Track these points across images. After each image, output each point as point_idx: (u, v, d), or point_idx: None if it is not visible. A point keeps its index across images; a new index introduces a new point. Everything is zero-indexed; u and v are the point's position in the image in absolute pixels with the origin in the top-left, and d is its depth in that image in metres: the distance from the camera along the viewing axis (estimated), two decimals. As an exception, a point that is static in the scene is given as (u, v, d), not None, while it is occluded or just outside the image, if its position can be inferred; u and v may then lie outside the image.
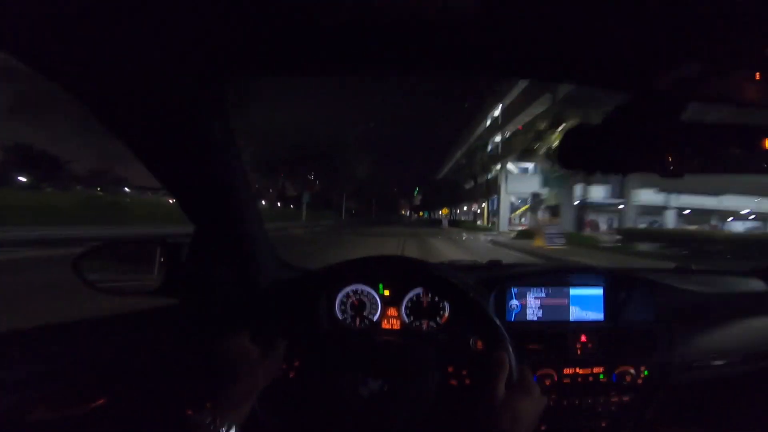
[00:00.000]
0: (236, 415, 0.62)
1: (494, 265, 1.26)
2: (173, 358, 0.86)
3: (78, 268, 0.87)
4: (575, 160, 0.64)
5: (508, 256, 10.62)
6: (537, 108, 21.57)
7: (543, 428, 0.95)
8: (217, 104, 0.68)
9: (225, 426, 0.59)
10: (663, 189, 24.15)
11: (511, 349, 0.78)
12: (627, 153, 0.64)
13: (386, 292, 1.00)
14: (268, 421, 0.78)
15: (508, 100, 30.17)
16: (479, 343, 0.88)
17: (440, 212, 38.19)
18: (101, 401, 0.76)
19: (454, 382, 0.83)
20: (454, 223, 40.74)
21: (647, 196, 24.26)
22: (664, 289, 1.07)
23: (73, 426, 0.73)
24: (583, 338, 0.96)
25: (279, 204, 47.50)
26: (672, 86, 0.55)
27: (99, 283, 0.90)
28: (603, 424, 0.95)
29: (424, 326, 0.98)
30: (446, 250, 11.34)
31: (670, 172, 0.64)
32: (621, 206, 23.04)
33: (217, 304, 0.92)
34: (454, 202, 50.25)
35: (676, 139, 0.60)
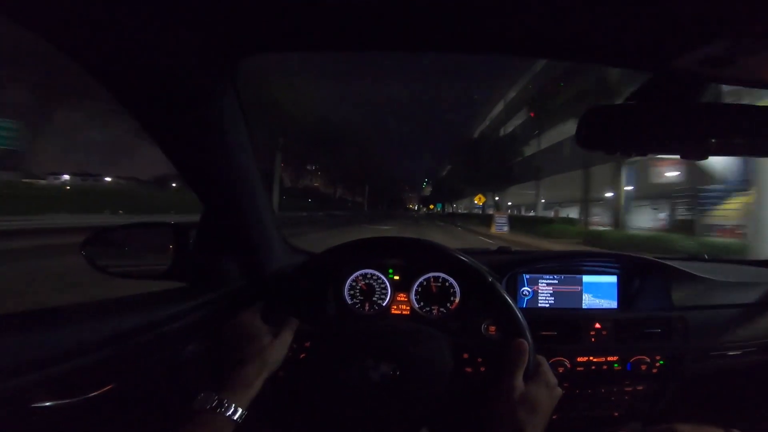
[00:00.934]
0: (243, 397, 0.62)
1: (504, 251, 1.25)
2: (182, 341, 0.86)
3: (86, 252, 0.88)
4: (595, 140, 0.63)
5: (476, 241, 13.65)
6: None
7: (555, 417, 0.92)
8: (227, 82, 0.67)
9: (232, 408, 0.59)
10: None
11: (530, 336, 0.76)
12: (647, 134, 0.62)
13: (396, 277, 0.99)
14: (277, 404, 0.78)
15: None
16: (491, 329, 0.88)
17: (474, 201, 31.72)
18: (109, 387, 0.75)
19: (469, 369, 0.82)
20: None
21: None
22: (680, 276, 1.05)
23: (80, 413, 0.72)
24: (598, 326, 0.95)
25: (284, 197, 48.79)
26: (693, 66, 0.53)
27: (108, 267, 0.91)
28: (616, 414, 0.94)
29: (435, 312, 0.97)
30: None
31: (690, 154, 0.63)
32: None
33: (226, 287, 0.92)
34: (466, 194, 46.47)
35: (696, 120, 0.59)
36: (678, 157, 0.64)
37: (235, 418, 0.59)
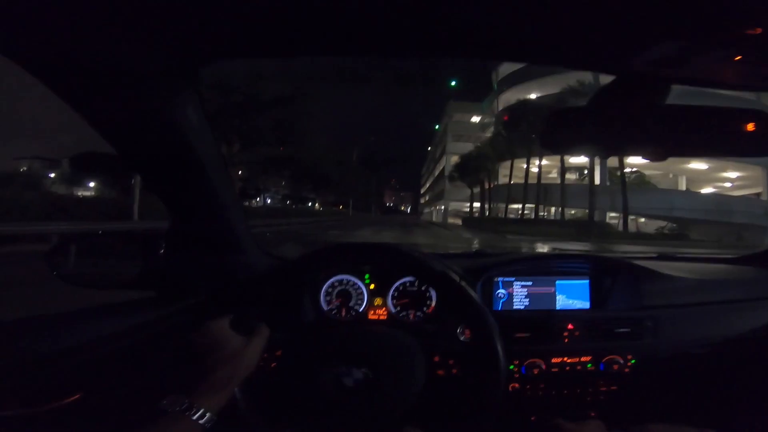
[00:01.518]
0: (213, 402, 0.62)
1: (480, 254, 1.27)
2: (150, 349, 0.86)
3: (51, 261, 0.87)
4: (559, 141, 0.66)
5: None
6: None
7: (533, 419, 0.95)
8: (189, 88, 0.67)
9: (200, 412, 0.58)
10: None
11: (498, 338, 0.77)
12: (609, 136, 0.64)
13: (372, 286, 1.01)
14: (249, 411, 0.77)
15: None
16: (467, 332, 0.89)
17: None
18: (77, 396, 0.74)
19: (441, 372, 0.84)
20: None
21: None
22: (650, 275, 1.08)
23: (48, 422, 0.71)
24: (570, 326, 0.97)
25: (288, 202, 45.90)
26: (652, 68, 0.55)
27: (74, 277, 0.90)
28: (593, 414, 0.95)
29: (411, 316, 0.99)
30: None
31: (652, 155, 0.65)
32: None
33: (196, 295, 0.91)
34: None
35: (657, 121, 0.60)
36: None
37: (203, 422, 0.58)
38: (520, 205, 32.08)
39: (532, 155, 28.57)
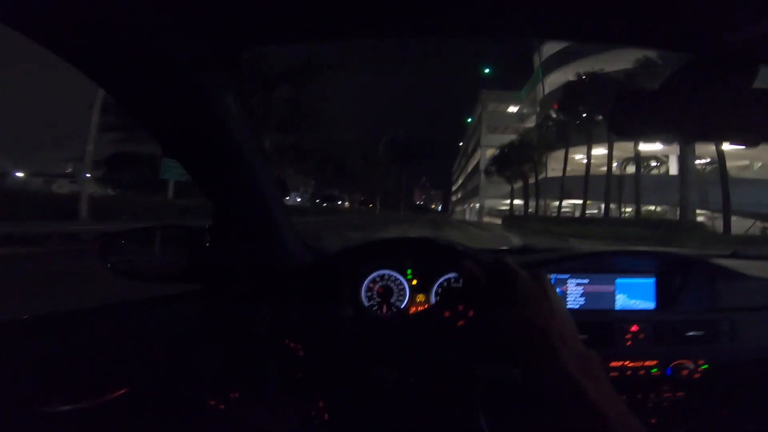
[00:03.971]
0: (256, 401, 0.64)
1: (527, 249, 1.22)
2: (195, 344, 0.87)
3: (103, 253, 0.91)
4: (629, 125, 0.62)
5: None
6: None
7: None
8: (229, 76, 0.66)
9: (243, 411, 0.61)
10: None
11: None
12: (691, 119, 0.58)
13: (414, 281, 0.98)
14: (290, 410, 0.79)
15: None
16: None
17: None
18: (123, 391, 0.75)
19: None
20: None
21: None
22: (727, 275, 1.01)
23: (93, 417, 0.71)
24: (635, 328, 0.91)
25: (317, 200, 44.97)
26: (743, 46, 0.49)
27: (123, 270, 0.93)
28: (653, 421, 0.91)
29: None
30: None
31: (737, 140, 0.60)
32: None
33: (240, 289, 0.93)
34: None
35: (743, 104, 0.55)
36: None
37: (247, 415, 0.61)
38: (575, 202, 28.30)
39: (595, 142, 23.44)
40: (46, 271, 5.73)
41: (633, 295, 0.98)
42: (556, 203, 28.92)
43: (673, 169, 25.92)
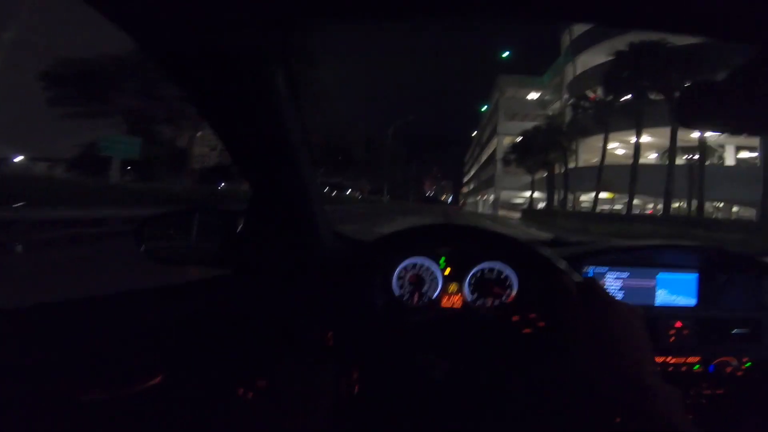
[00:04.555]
0: (288, 391, 0.63)
1: (559, 242, 1.16)
2: (228, 328, 0.87)
3: (138, 237, 0.91)
4: (698, 117, 0.61)
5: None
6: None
7: (618, 420, 0.83)
8: (281, 51, 0.65)
9: (276, 402, 0.60)
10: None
11: None
12: (759, 111, 0.56)
13: (447, 271, 0.96)
14: (319, 398, 0.77)
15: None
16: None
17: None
18: (158, 379, 0.76)
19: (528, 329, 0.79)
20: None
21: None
22: None
23: (130, 406, 0.72)
24: (678, 324, 0.91)
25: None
26: None
27: (156, 253, 0.95)
28: (690, 417, 0.86)
29: (489, 304, 0.94)
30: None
31: None
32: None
33: (273, 274, 0.93)
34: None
35: None
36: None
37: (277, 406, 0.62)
38: (602, 195, 24.68)
39: (647, 125, 19.91)
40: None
41: (674, 290, 0.97)
42: (585, 197, 25.60)
43: (730, 159, 22.26)
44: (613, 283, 0.96)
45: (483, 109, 65.45)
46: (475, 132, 74.46)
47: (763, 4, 0.38)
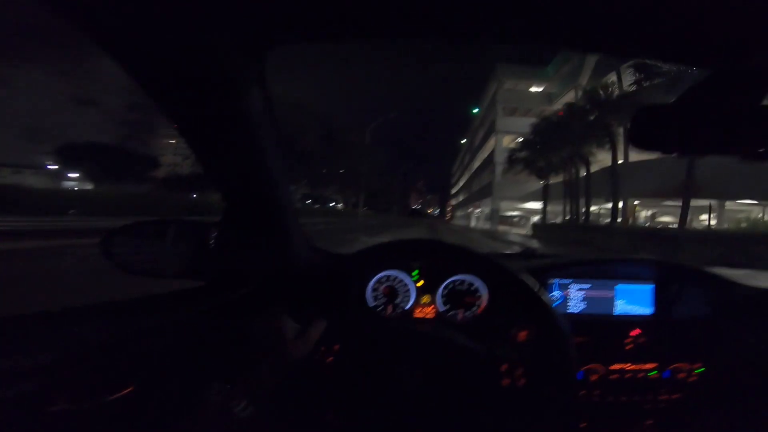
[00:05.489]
0: (255, 391, 0.64)
1: (530, 254, 1.23)
2: (202, 340, 0.88)
3: (106, 248, 0.91)
4: (649, 140, 0.63)
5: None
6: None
7: (583, 425, 0.94)
8: (257, 71, 0.67)
9: (242, 403, 0.61)
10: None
11: (571, 342, 0.76)
12: (706, 134, 0.61)
13: (420, 283, 1.00)
14: (297, 403, 0.81)
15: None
16: (521, 334, 0.88)
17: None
18: (129, 389, 0.75)
19: (507, 381, 0.82)
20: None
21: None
22: (722, 284, 1.05)
23: (99, 417, 0.71)
24: (636, 332, 0.97)
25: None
26: (761, 64, 0.52)
27: (127, 265, 0.94)
28: (650, 422, 0.95)
29: (460, 316, 0.97)
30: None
31: (751, 155, 0.62)
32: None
33: (246, 286, 0.94)
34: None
35: (758, 121, 0.57)
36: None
37: (243, 411, 0.61)
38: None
39: None
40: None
41: (631, 300, 1.03)
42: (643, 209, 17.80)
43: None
44: (576, 294, 1.01)
45: (474, 111, 58.01)
46: (464, 140, 69.30)
47: (709, 32, 0.45)
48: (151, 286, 0.90)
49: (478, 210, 47.99)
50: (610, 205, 20.04)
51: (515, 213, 39.14)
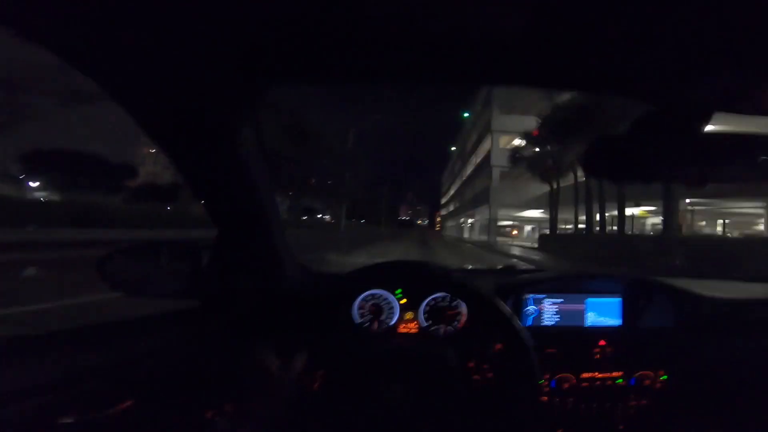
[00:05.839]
0: (256, 423, 0.68)
1: (509, 269, 1.33)
2: (196, 361, 0.90)
3: (103, 269, 0.93)
4: (601, 168, 0.67)
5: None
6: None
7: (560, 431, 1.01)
8: (249, 108, 0.72)
9: (239, 424, 0.65)
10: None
11: (534, 355, 0.85)
12: (653, 162, 0.65)
13: (403, 300, 1.05)
14: (285, 423, 0.84)
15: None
16: (498, 347, 0.93)
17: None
18: (129, 403, 0.78)
19: (477, 377, 0.90)
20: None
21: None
22: (686, 296, 1.12)
23: (101, 429, 0.75)
24: (602, 343, 1.03)
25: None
26: (700, 98, 0.57)
27: (123, 284, 0.96)
28: (621, 428, 1.00)
29: (442, 331, 1.03)
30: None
31: (695, 182, 0.65)
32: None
33: (239, 309, 0.98)
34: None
35: (697, 149, 0.62)
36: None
37: None
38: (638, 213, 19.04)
39: None
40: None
41: (601, 313, 1.08)
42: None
43: None
44: (550, 307, 1.08)
45: (465, 116, 54.66)
46: (454, 147, 66.29)
47: (666, 69, 0.49)
48: (151, 305, 0.93)
49: (471, 219, 43.95)
50: (633, 211, 16.39)
51: (511, 222, 35.26)
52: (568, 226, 23.05)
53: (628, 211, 18.31)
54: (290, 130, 26.65)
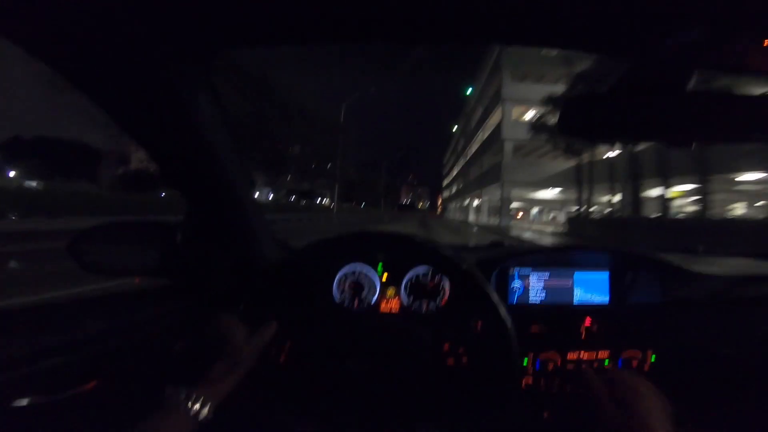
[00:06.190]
0: (212, 394, 0.65)
1: (496, 245, 1.26)
2: (167, 339, 0.89)
3: (74, 249, 0.91)
4: (577, 127, 0.65)
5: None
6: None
7: (546, 414, 0.96)
8: (203, 76, 0.69)
9: (199, 403, 0.62)
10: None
11: (512, 333, 0.82)
12: (631, 122, 0.63)
13: (385, 276, 1.02)
14: (256, 403, 0.82)
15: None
16: (479, 324, 0.92)
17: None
18: (92, 384, 0.78)
19: (450, 361, 0.88)
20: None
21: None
22: (674, 271, 1.08)
23: (63, 410, 0.74)
24: (588, 321, 0.99)
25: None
26: (675, 54, 0.54)
27: (94, 265, 0.94)
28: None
29: (424, 308, 1.00)
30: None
31: (675, 142, 0.65)
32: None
33: (212, 286, 0.96)
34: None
35: (681, 107, 0.60)
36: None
37: (202, 414, 0.62)
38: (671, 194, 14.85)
39: None
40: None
41: (589, 289, 1.04)
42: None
43: None
44: (536, 283, 1.04)
45: (469, 92, 51.30)
46: (456, 126, 62.34)
47: (633, 21, 0.46)
48: (122, 284, 0.93)
49: (478, 200, 40.55)
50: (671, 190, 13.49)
51: (517, 204, 32.02)
52: (591, 209, 20.03)
53: (655, 192, 15.76)
54: (272, 101, 23.18)
